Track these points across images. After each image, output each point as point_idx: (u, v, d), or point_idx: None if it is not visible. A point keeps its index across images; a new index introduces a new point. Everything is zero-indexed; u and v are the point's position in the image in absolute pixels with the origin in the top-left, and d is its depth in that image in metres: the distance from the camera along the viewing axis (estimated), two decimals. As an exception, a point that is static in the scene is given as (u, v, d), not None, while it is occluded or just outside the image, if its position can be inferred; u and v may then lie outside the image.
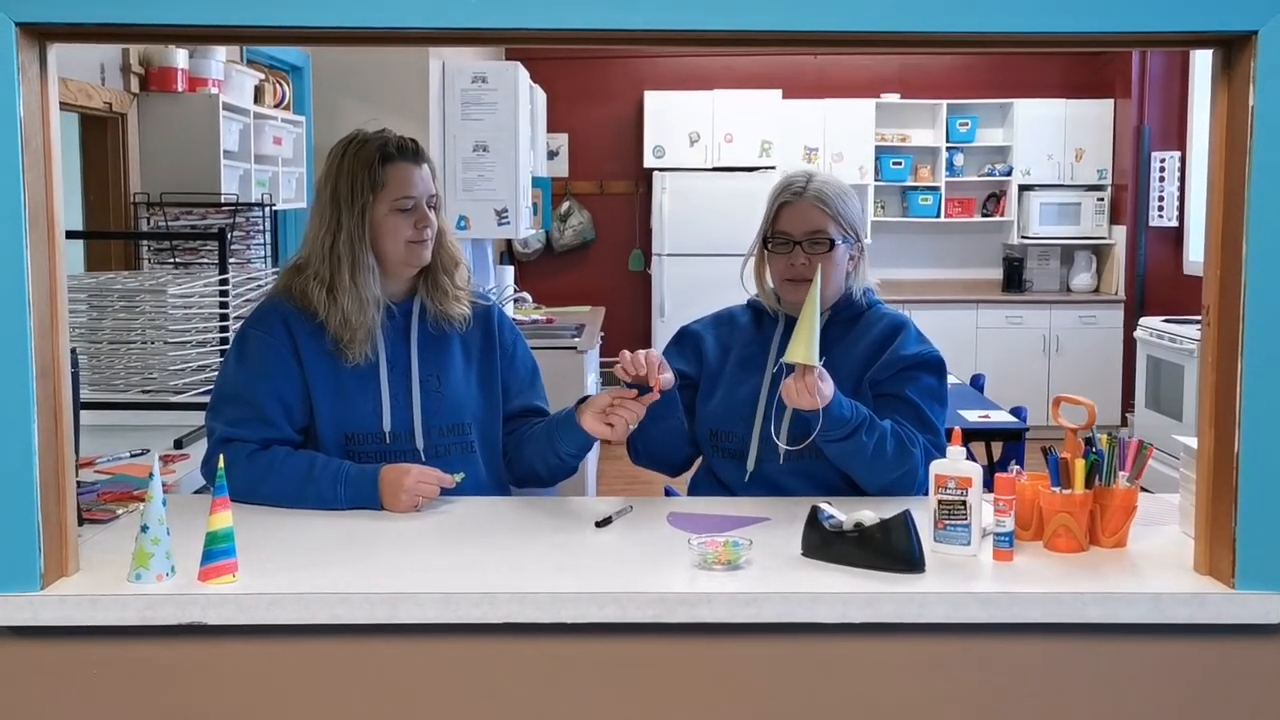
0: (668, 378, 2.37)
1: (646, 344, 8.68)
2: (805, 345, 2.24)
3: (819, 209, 2.51)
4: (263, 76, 4.94)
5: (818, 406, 2.25)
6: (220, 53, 4.42)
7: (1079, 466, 2.01)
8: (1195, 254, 7.95)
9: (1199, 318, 1.82)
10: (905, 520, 1.92)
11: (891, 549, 1.91)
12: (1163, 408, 6.71)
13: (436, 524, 2.22)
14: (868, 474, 2.40)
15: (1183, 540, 2.06)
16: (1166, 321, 6.82)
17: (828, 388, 2.27)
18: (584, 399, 2.44)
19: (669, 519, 2.23)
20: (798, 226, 2.52)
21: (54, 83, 1.88)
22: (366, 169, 2.39)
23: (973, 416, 4.60)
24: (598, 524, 2.19)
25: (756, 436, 2.48)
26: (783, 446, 2.41)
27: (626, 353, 2.33)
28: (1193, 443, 2.02)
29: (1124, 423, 8.07)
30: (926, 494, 2.04)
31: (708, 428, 2.57)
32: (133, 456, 2.84)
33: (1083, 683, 1.86)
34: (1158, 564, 1.97)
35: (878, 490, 2.41)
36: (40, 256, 1.83)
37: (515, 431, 2.56)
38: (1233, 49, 1.84)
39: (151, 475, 1.87)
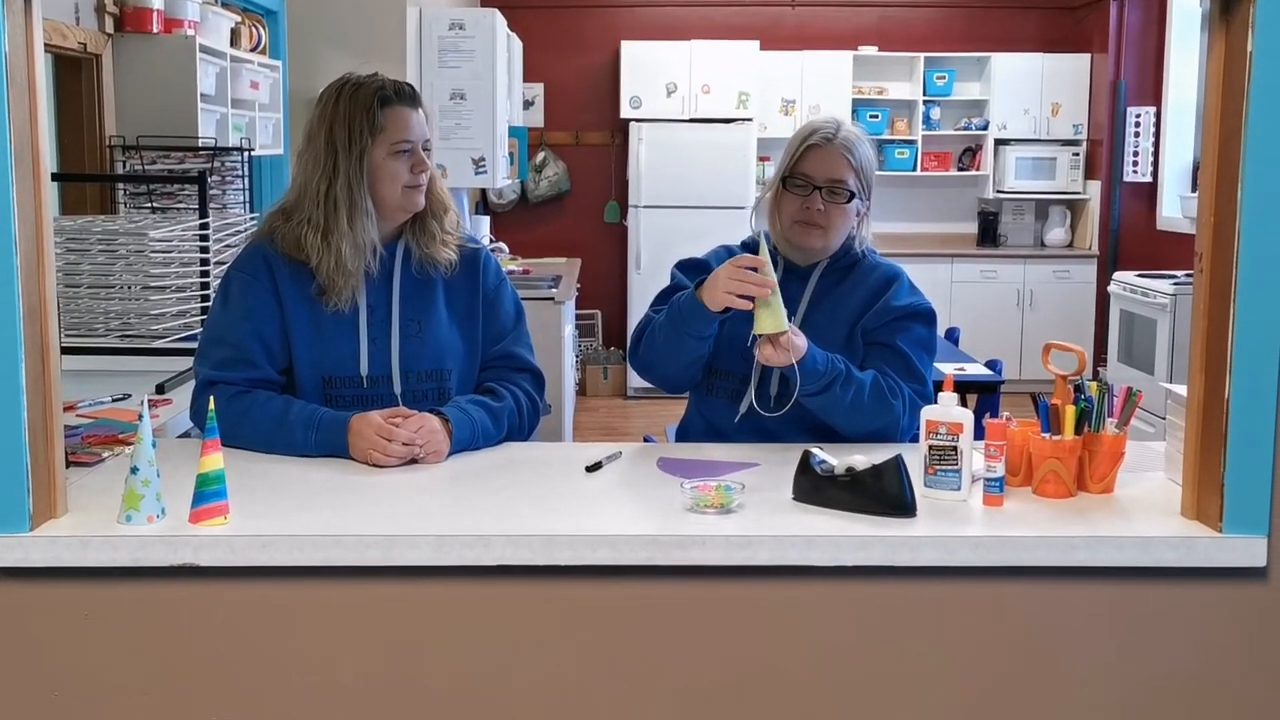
0: None
1: (623, 296, 8.67)
2: (772, 316, 2.30)
3: (845, 158, 2.52)
4: (238, 19, 4.87)
5: (793, 362, 2.32)
6: (196, -8, 4.34)
7: (1069, 413, 2.03)
8: (1169, 210, 7.97)
9: (1171, 273, 1.83)
10: (897, 465, 1.93)
11: (883, 493, 1.92)
12: (1135, 361, 6.74)
13: (428, 469, 2.22)
14: (846, 424, 2.43)
15: (1169, 487, 2.07)
16: (1140, 276, 6.84)
17: (801, 341, 2.34)
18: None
19: (659, 464, 2.24)
20: (821, 171, 2.52)
21: (38, 18, 1.85)
22: (365, 112, 2.36)
23: (948, 369, 4.60)
24: (588, 469, 2.19)
25: (755, 378, 2.48)
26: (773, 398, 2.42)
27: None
28: (1181, 390, 2.03)
29: (1096, 376, 8.10)
30: (915, 440, 2.04)
31: (710, 363, 2.56)
32: (114, 401, 2.81)
33: (1072, 625, 1.88)
34: (1145, 509, 1.99)
35: (860, 438, 2.42)
36: (26, 195, 1.80)
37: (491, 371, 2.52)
38: (1231, -5, 1.83)
39: (141, 417, 1.85)
